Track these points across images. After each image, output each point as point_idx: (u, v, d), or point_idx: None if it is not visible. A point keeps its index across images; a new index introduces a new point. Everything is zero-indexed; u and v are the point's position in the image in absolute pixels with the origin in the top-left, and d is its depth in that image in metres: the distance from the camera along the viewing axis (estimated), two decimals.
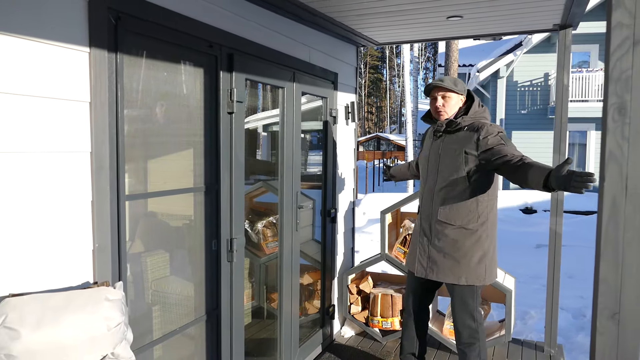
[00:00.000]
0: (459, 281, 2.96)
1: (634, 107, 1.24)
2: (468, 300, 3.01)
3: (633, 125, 1.23)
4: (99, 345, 1.54)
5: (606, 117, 1.27)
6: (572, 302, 6.09)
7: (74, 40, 1.84)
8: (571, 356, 4.46)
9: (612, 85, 1.26)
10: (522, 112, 15.78)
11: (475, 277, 2.95)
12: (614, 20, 1.22)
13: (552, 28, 3.85)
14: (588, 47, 15.28)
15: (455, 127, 2.97)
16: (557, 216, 3.82)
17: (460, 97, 3.04)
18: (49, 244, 1.79)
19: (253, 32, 2.91)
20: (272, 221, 3.54)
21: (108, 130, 1.97)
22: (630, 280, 1.26)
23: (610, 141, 1.25)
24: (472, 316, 3.03)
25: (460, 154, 2.91)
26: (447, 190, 2.96)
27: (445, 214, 2.97)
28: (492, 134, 2.85)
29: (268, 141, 3.64)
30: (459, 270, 2.95)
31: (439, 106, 3.02)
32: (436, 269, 3.01)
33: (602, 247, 1.26)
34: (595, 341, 1.30)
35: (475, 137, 2.87)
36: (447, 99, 3.01)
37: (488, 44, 19.20)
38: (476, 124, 2.94)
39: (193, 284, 2.62)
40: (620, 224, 1.25)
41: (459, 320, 3.05)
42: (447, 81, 3.00)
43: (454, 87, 2.99)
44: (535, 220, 11.45)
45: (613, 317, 1.28)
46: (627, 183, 1.24)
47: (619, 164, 1.24)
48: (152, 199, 2.35)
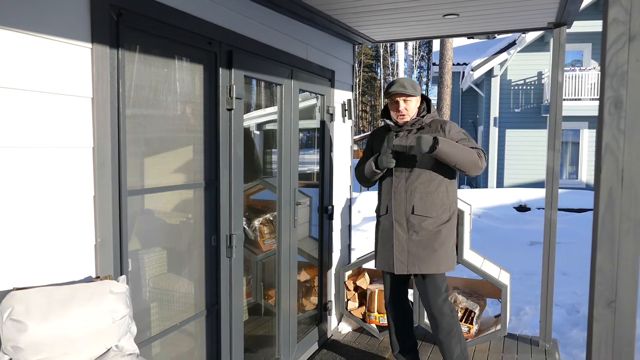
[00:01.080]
0: (439, 270, 3.16)
1: (629, 101, 1.27)
2: (441, 286, 3.20)
3: (629, 118, 1.27)
4: (104, 338, 1.56)
5: (602, 111, 1.30)
6: (566, 298, 6.15)
7: (76, 36, 1.85)
8: (565, 351, 4.51)
9: (609, 79, 1.29)
10: (515, 111, 15.86)
11: (450, 263, 3.21)
12: (610, 17, 1.25)
13: (547, 26, 3.89)
14: (581, 45, 15.38)
15: (420, 125, 3.23)
16: (552, 210, 3.86)
17: (418, 99, 3.29)
18: (51, 238, 1.81)
19: (252, 29, 2.93)
20: (269, 218, 3.56)
21: (110, 125, 1.99)
22: (626, 269, 1.29)
23: (606, 134, 1.28)
24: (446, 301, 3.21)
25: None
26: (421, 184, 3.16)
27: (422, 208, 3.16)
28: (455, 129, 3.16)
29: (261, 140, 3.65)
30: (438, 259, 3.15)
31: (402, 110, 3.22)
32: (417, 262, 3.17)
33: (599, 237, 1.29)
34: (592, 329, 1.33)
35: (441, 132, 3.13)
36: (409, 103, 3.22)
37: (482, 43, 19.28)
38: (438, 120, 3.23)
39: (193, 279, 2.63)
40: (616, 215, 1.28)
41: (435, 308, 3.19)
42: (408, 87, 3.20)
43: (414, 92, 3.21)
44: (529, 218, 11.52)
45: (609, 305, 1.31)
46: (623, 175, 1.27)
47: (615, 157, 1.27)
48: (152, 195, 2.36)
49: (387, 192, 3.27)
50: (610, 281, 1.27)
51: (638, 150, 1.23)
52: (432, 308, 3.19)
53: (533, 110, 15.76)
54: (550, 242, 3.85)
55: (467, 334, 3.92)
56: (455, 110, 18.54)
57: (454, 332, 3.21)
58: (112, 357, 1.59)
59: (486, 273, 3.85)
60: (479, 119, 18.18)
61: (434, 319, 3.20)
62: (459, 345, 3.22)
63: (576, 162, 15.64)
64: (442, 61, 14.63)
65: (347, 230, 4.56)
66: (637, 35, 1.21)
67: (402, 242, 3.20)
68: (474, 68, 15.37)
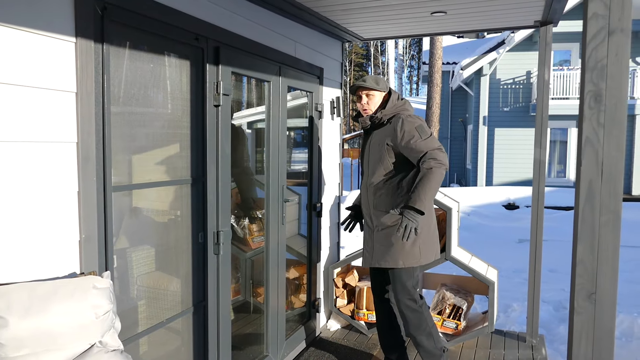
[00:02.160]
0: (397, 264, 3.15)
1: (609, 95, 1.29)
2: (406, 282, 3.19)
3: (608, 112, 1.28)
4: (88, 333, 1.55)
5: (583, 105, 1.31)
6: (553, 294, 6.20)
7: (60, 30, 1.84)
8: (553, 347, 4.55)
9: (589, 73, 1.30)
10: (504, 110, 15.96)
11: (412, 258, 3.14)
12: (590, 11, 1.26)
13: (534, 25, 3.92)
14: (569, 45, 15.51)
15: (378, 121, 3.20)
16: (539, 210, 3.89)
17: (383, 94, 3.27)
18: (34, 234, 1.79)
19: (239, 26, 2.92)
20: (257, 216, 3.55)
21: (94, 120, 1.97)
22: (606, 261, 1.30)
23: (586, 127, 1.29)
24: (411, 297, 3.20)
25: (383, 145, 3.14)
26: (378, 181, 3.19)
27: (378, 203, 3.20)
28: (407, 127, 3.05)
29: (250, 138, 3.63)
30: (395, 254, 3.14)
31: (363, 104, 3.26)
32: (377, 256, 3.22)
33: (579, 229, 1.31)
34: (574, 320, 1.35)
35: (394, 129, 3.10)
36: (371, 97, 3.24)
37: (471, 42, 19.37)
38: (394, 118, 3.16)
39: (180, 276, 2.62)
40: (596, 207, 1.30)
41: (401, 303, 3.21)
42: (369, 81, 3.23)
43: (376, 85, 3.22)
44: (517, 216, 11.60)
45: (590, 297, 1.33)
46: (603, 168, 1.28)
47: (595, 150, 1.29)
48: (138, 191, 2.35)
49: (361, 189, 3.37)
50: (591, 273, 1.29)
51: (617, 143, 1.25)
52: (399, 303, 3.23)
53: (522, 109, 15.87)
54: (537, 238, 3.88)
55: (455, 330, 3.94)
56: (445, 109, 18.62)
57: (424, 327, 3.21)
58: (95, 353, 1.58)
59: (474, 270, 3.88)
60: (468, 118, 18.27)
61: (402, 314, 3.24)
62: (431, 339, 3.22)
63: (564, 161, 15.77)
64: (432, 60, 14.68)
65: (336, 227, 4.57)
66: (616, 29, 1.23)
67: (367, 236, 3.30)
68: (464, 67, 15.45)
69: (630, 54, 1.24)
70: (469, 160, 18.06)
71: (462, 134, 19.08)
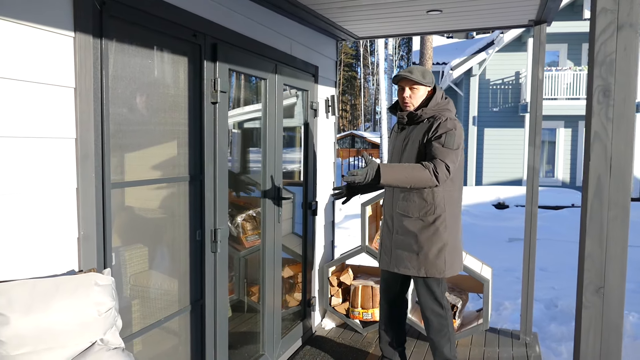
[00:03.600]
0: (419, 273, 3.01)
1: (617, 90, 1.29)
2: (434, 287, 3.06)
3: (617, 106, 1.28)
4: (90, 331, 1.53)
5: (591, 99, 1.31)
6: (544, 293, 6.25)
7: (59, 24, 1.81)
8: (545, 344, 4.58)
9: (597, 68, 1.30)
10: (494, 110, 16.07)
11: (435, 269, 2.99)
12: (599, 6, 1.27)
13: (528, 24, 3.94)
14: (557, 46, 15.65)
15: (417, 119, 3.01)
16: (533, 209, 3.91)
17: (428, 89, 3.07)
18: (32, 232, 1.77)
19: (236, 23, 2.90)
20: (251, 214, 3.53)
21: (93, 116, 1.95)
22: (614, 256, 1.31)
23: (595, 122, 1.29)
24: (439, 303, 3.09)
25: (419, 146, 2.96)
26: None
27: (403, 206, 3.03)
28: (440, 130, 2.88)
29: (239, 139, 3.60)
30: (417, 263, 3.00)
31: (406, 97, 3.04)
32: (398, 261, 3.08)
33: (587, 224, 1.31)
34: (581, 315, 1.35)
35: (429, 131, 2.93)
36: (415, 91, 3.03)
37: (461, 43, 19.48)
38: (437, 116, 2.97)
39: (177, 274, 2.60)
40: (604, 202, 1.30)
41: (426, 308, 3.11)
42: (416, 73, 3.00)
43: (422, 79, 3.00)
44: (507, 215, 11.68)
45: (598, 291, 1.33)
46: (612, 163, 1.28)
47: (604, 144, 1.29)
48: (136, 188, 2.32)
49: (386, 188, 3.22)
50: (599, 267, 1.29)
51: (626, 138, 1.25)
52: (424, 309, 3.14)
53: (511, 110, 15.98)
54: (531, 237, 3.91)
55: None
56: None
57: (444, 332, 3.14)
58: (97, 351, 1.56)
59: (468, 267, 3.89)
60: (458, 118, 18.34)
61: (425, 317, 3.15)
62: (449, 345, 3.16)
63: (553, 161, 15.92)
64: (422, 60, 14.73)
65: (331, 226, 4.56)
66: (625, 24, 1.23)
67: (386, 239, 3.17)
68: (453, 67, 15.53)
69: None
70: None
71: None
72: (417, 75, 2.99)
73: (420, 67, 3.07)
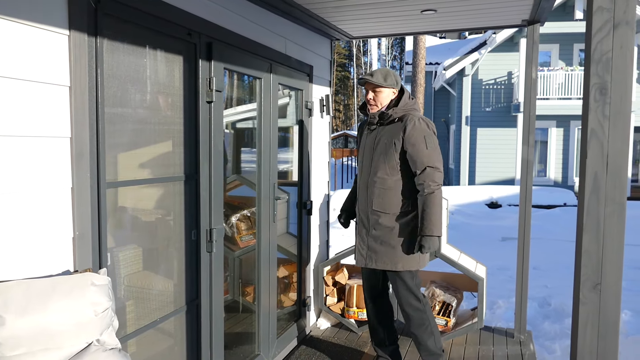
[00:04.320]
0: (396, 267, 3.12)
1: (614, 87, 1.30)
2: (409, 281, 3.16)
3: (613, 104, 1.29)
4: (86, 331, 1.52)
5: (588, 97, 1.32)
6: (537, 291, 6.28)
7: (53, 22, 1.80)
8: (538, 343, 4.60)
9: (594, 66, 1.31)
10: (486, 110, 16.13)
11: (412, 262, 3.13)
12: (595, 4, 1.27)
13: (521, 24, 3.96)
14: (549, 46, 15.74)
15: (387, 119, 3.12)
16: (527, 207, 3.93)
17: (392, 90, 3.19)
18: (27, 231, 1.75)
19: (231, 22, 2.90)
20: (246, 214, 3.52)
21: (88, 115, 1.94)
22: (611, 252, 1.31)
23: (592, 120, 1.30)
24: (416, 296, 3.18)
25: (390, 145, 3.08)
26: (380, 180, 3.12)
27: (379, 204, 3.13)
28: (417, 132, 3.03)
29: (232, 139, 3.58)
30: (395, 257, 3.11)
31: (370, 99, 3.19)
32: (375, 257, 3.17)
33: (585, 220, 1.31)
34: (578, 311, 1.35)
35: (403, 130, 3.05)
36: (378, 93, 3.16)
37: (454, 43, 19.55)
38: (406, 116, 3.10)
39: (172, 274, 2.59)
40: (601, 199, 1.31)
41: (405, 303, 3.19)
42: (377, 76, 3.14)
43: (384, 82, 3.12)
44: (500, 215, 11.73)
45: (595, 287, 1.34)
46: (608, 160, 1.29)
47: (600, 142, 1.30)
48: (131, 187, 2.31)
49: (358, 186, 3.30)
50: (596, 264, 1.30)
51: (623, 135, 1.26)
52: (402, 303, 3.21)
53: (503, 109, 16.06)
54: (524, 236, 3.92)
55: (444, 327, 3.97)
56: (428, 109, 18.76)
57: (426, 325, 3.21)
58: (93, 351, 1.55)
59: (463, 266, 3.90)
60: (451, 118, 18.43)
61: (405, 313, 3.22)
62: (432, 338, 3.22)
63: (545, 160, 16.01)
64: (415, 60, 14.77)
65: (326, 226, 4.56)
66: (621, 22, 1.24)
67: (363, 236, 3.24)
68: (446, 67, 15.58)
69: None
70: (451, 160, 18.21)
71: (445, 134, 19.24)
72: (378, 78, 3.13)
73: (384, 70, 3.19)
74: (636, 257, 7.94)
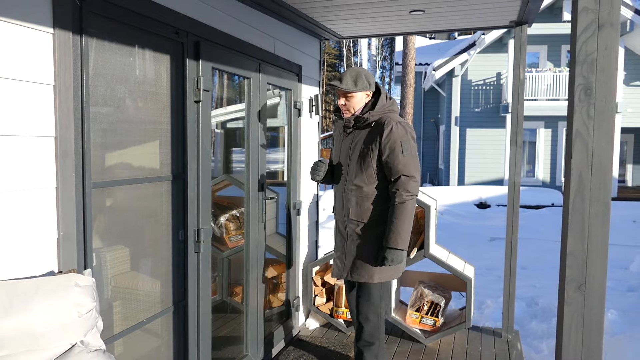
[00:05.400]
0: (372, 279, 2.95)
1: (598, 88, 1.30)
2: (375, 296, 3.00)
3: (598, 105, 1.30)
4: (70, 333, 1.50)
5: (573, 98, 1.33)
6: (525, 291, 6.32)
7: (37, 20, 1.78)
8: (526, 342, 4.64)
9: (579, 67, 1.31)
10: (475, 110, 16.22)
11: (387, 272, 2.97)
12: (580, 5, 1.28)
13: (509, 25, 3.98)
14: (537, 47, 15.86)
15: (363, 122, 2.94)
16: (514, 208, 3.95)
17: (365, 93, 2.96)
18: (11, 232, 1.73)
19: (219, 21, 2.88)
20: (235, 214, 3.51)
21: (73, 114, 1.91)
22: (596, 252, 1.32)
23: (577, 120, 1.31)
24: (376, 312, 3.02)
25: (367, 151, 2.89)
26: (358, 188, 2.94)
27: (356, 213, 2.95)
28: (394, 137, 2.82)
29: (221, 139, 3.56)
30: (371, 269, 2.94)
31: (341, 105, 2.98)
32: (351, 268, 3.00)
33: (570, 221, 1.32)
34: (563, 311, 1.36)
35: (379, 136, 2.85)
36: (350, 98, 2.94)
37: (443, 43, 19.63)
38: (383, 119, 2.89)
39: (159, 275, 2.57)
40: (586, 199, 1.31)
41: (362, 314, 3.03)
42: (347, 81, 2.90)
43: (354, 87, 2.90)
44: (489, 215, 11.80)
45: (579, 288, 1.34)
46: (593, 160, 1.30)
47: (585, 142, 1.30)
48: (117, 187, 2.29)
49: (335, 192, 3.12)
50: (581, 264, 1.30)
51: (607, 135, 1.27)
52: (359, 314, 3.05)
53: (492, 110, 16.15)
54: (512, 235, 3.94)
55: (433, 326, 3.98)
56: (417, 109, 18.82)
57: (375, 345, 3.06)
58: (77, 353, 1.53)
59: (451, 266, 3.92)
60: (440, 118, 18.50)
61: (359, 325, 3.06)
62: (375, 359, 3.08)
63: (533, 161, 16.12)
64: (405, 61, 14.80)
65: (315, 226, 4.55)
66: (606, 23, 1.24)
67: (340, 247, 3.08)
68: (436, 68, 15.64)
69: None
70: (441, 160, 18.29)
71: (435, 134, 19.32)
72: (348, 84, 2.90)
73: (353, 71, 2.94)
74: (623, 257, 8.02)
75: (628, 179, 17.28)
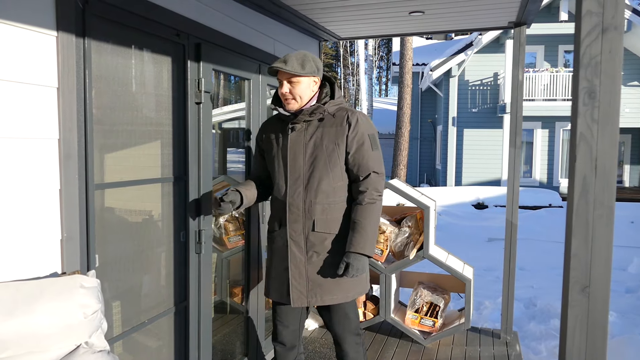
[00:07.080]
0: (347, 297, 2.54)
1: (602, 91, 1.31)
2: (351, 314, 2.64)
3: (602, 108, 1.31)
4: (75, 334, 1.50)
5: (577, 101, 1.34)
6: (523, 292, 6.34)
7: (41, 23, 1.78)
8: (524, 343, 4.65)
9: (583, 70, 1.32)
10: (473, 111, 16.25)
11: (361, 287, 2.61)
12: (584, 8, 1.29)
13: (508, 25, 4.00)
14: (534, 47, 15.91)
15: (319, 115, 2.50)
16: (514, 209, 3.97)
17: (313, 79, 2.52)
18: (14, 233, 1.73)
19: (220, 23, 2.88)
20: (234, 215, 3.51)
21: (76, 116, 1.92)
22: (600, 255, 1.33)
23: (581, 123, 1.31)
24: (357, 332, 2.69)
25: (334, 148, 2.47)
26: (323, 194, 2.49)
27: (323, 223, 2.49)
28: (362, 131, 2.48)
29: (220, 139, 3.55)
30: (346, 286, 2.53)
31: (285, 93, 2.48)
32: (320, 291, 2.51)
33: (574, 224, 1.33)
34: (567, 314, 1.37)
35: (346, 131, 2.47)
36: (295, 84, 2.47)
37: (441, 44, 19.67)
38: (343, 113, 2.51)
39: (161, 276, 2.57)
40: (590, 202, 1.32)
41: (346, 340, 2.66)
42: (292, 63, 2.43)
43: (301, 70, 2.43)
44: (486, 215, 11.82)
45: (584, 290, 1.35)
46: (597, 163, 1.31)
47: (589, 145, 1.31)
48: (119, 189, 2.29)
49: (281, 202, 2.57)
50: (585, 267, 1.31)
51: (611, 139, 1.28)
52: (344, 340, 2.66)
53: (489, 110, 16.19)
54: (511, 236, 3.96)
55: (432, 327, 3.99)
56: (414, 109, 18.85)
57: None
58: (81, 354, 1.53)
59: (451, 267, 3.93)
60: (437, 119, 18.54)
61: (341, 349, 2.69)
62: None
63: (530, 161, 16.17)
64: (403, 61, 14.83)
65: None
66: (610, 27, 1.25)
67: (300, 266, 2.52)
68: (433, 68, 15.67)
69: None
70: (438, 161, 18.32)
71: (432, 135, 19.35)
72: (294, 65, 2.43)
73: (299, 54, 2.50)
74: (620, 258, 8.05)
75: (625, 179, 17.34)
